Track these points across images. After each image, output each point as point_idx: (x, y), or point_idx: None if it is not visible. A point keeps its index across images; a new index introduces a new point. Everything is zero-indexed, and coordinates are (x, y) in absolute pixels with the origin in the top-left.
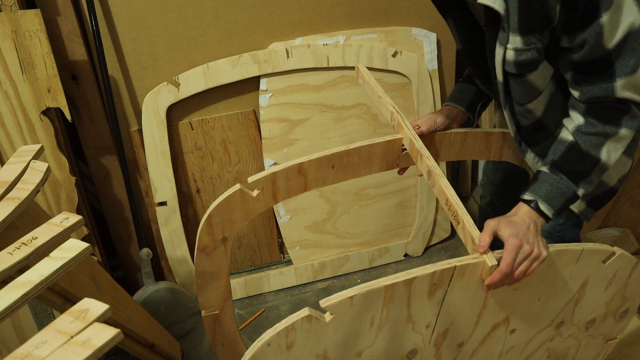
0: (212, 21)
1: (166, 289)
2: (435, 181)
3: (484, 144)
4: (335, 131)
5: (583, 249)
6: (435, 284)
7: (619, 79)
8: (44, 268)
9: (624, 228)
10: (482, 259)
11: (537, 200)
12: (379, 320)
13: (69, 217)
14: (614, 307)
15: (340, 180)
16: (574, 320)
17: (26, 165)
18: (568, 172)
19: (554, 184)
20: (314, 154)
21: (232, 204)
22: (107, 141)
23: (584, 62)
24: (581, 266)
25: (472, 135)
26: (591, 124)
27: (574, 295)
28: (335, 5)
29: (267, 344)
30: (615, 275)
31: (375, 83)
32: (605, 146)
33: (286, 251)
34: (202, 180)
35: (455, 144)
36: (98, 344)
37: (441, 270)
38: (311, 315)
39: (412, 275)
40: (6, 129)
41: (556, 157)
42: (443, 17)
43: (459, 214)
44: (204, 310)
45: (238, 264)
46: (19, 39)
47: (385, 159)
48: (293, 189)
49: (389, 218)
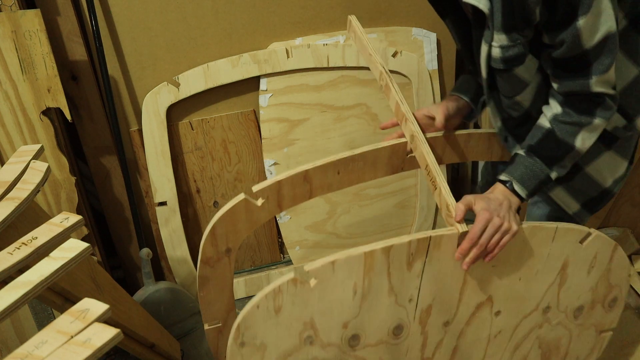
0: (212, 21)
1: (166, 289)
2: (417, 145)
3: (486, 145)
4: (335, 131)
5: (557, 227)
6: (413, 254)
7: (594, 76)
8: (44, 268)
9: (624, 228)
10: (455, 230)
11: (512, 181)
12: (361, 289)
13: (69, 217)
14: (601, 294)
15: (346, 186)
16: (560, 305)
17: (26, 165)
18: (543, 157)
19: (529, 166)
20: (319, 161)
21: (236, 214)
22: (107, 141)
23: (563, 59)
24: (558, 245)
25: (475, 136)
26: (568, 114)
27: (555, 277)
28: (335, 5)
29: (256, 306)
30: (596, 257)
31: (366, 39)
32: (580, 134)
33: (286, 251)
34: (202, 180)
35: (458, 145)
36: (98, 344)
37: (417, 240)
38: (296, 278)
39: (390, 244)
40: (6, 129)
41: (533, 142)
42: (441, 17)
43: (436, 181)
44: (207, 323)
45: (238, 264)
46: (19, 39)
47: (391, 163)
48: (298, 197)
49: (389, 218)
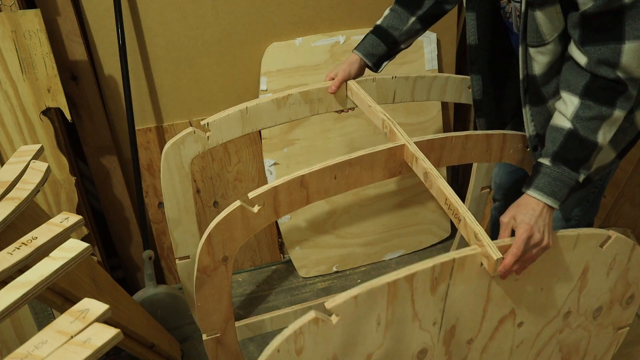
0: (212, 21)
1: (166, 293)
2: (432, 182)
3: (485, 147)
4: (335, 131)
5: (579, 234)
6: (437, 278)
7: (627, 42)
8: (44, 268)
9: (624, 228)
10: (479, 249)
11: (543, 196)
12: (385, 320)
13: (69, 217)
14: (619, 293)
15: (343, 191)
16: (581, 309)
17: (26, 165)
18: (569, 161)
19: (557, 177)
20: (316, 165)
21: (232, 221)
22: (107, 141)
23: (596, 14)
24: (579, 252)
25: (473, 138)
26: (587, 107)
27: (576, 283)
28: (335, 5)
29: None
30: (615, 259)
31: (364, 93)
32: (601, 129)
33: (286, 251)
34: (202, 180)
35: (456, 148)
36: (98, 344)
37: (441, 264)
38: (317, 317)
39: (413, 271)
40: (6, 129)
41: (556, 147)
42: (467, 9)
43: (459, 212)
44: (205, 333)
45: (238, 264)
46: (19, 39)
47: (388, 167)
48: (295, 202)
49: (389, 218)
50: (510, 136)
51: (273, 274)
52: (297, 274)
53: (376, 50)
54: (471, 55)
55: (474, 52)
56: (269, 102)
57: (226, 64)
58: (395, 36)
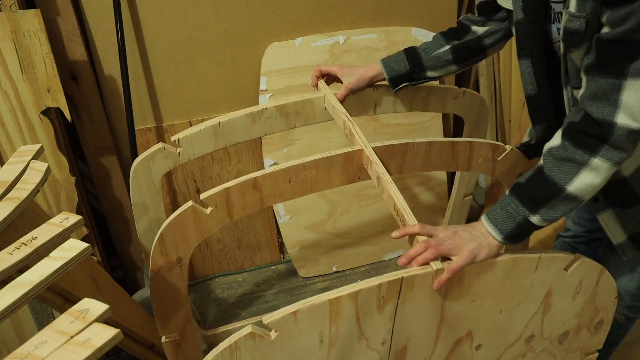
0: (212, 21)
1: None
2: (383, 187)
3: (450, 154)
4: (335, 131)
5: (540, 257)
6: (384, 297)
7: (630, 78)
8: (44, 268)
9: None
10: (430, 269)
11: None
12: (328, 337)
13: (69, 217)
14: (587, 319)
15: (299, 195)
16: (545, 333)
17: (26, 165)
18: (523, 196)
19: (505, 206)
20: (269, 168)
21: (184, 222)
22: (107, 141)
23: (610, 41)
24: (541, 274)
25: (437, 145)
26: (563, 147)
27: (539, 306)
28: (335, 5)
29: None
30: (581, 283)
31: (330, 93)
32: (576, 176)
33: (286, 251)
34: (202, 180)
35: (419, 154)
36: (98, 344)
37: (387, 282)
38: (254, 332)
39: (357, 288)
40: (6, 129)
41: (523, 180)
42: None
43: (405, 219)
44: (164, 335)
45: (238, 264)
46: (18, 39)
47: (346, 172)
48: (249, 205)
49: (389, 218)
50: (478, 144)
51: (273, 274)
52: (297, 274)
53: (398, 66)
54: (533, 105)
55: (536, 102)
56: (244, 116)
57: (226, 64)
58: (422, 59)
